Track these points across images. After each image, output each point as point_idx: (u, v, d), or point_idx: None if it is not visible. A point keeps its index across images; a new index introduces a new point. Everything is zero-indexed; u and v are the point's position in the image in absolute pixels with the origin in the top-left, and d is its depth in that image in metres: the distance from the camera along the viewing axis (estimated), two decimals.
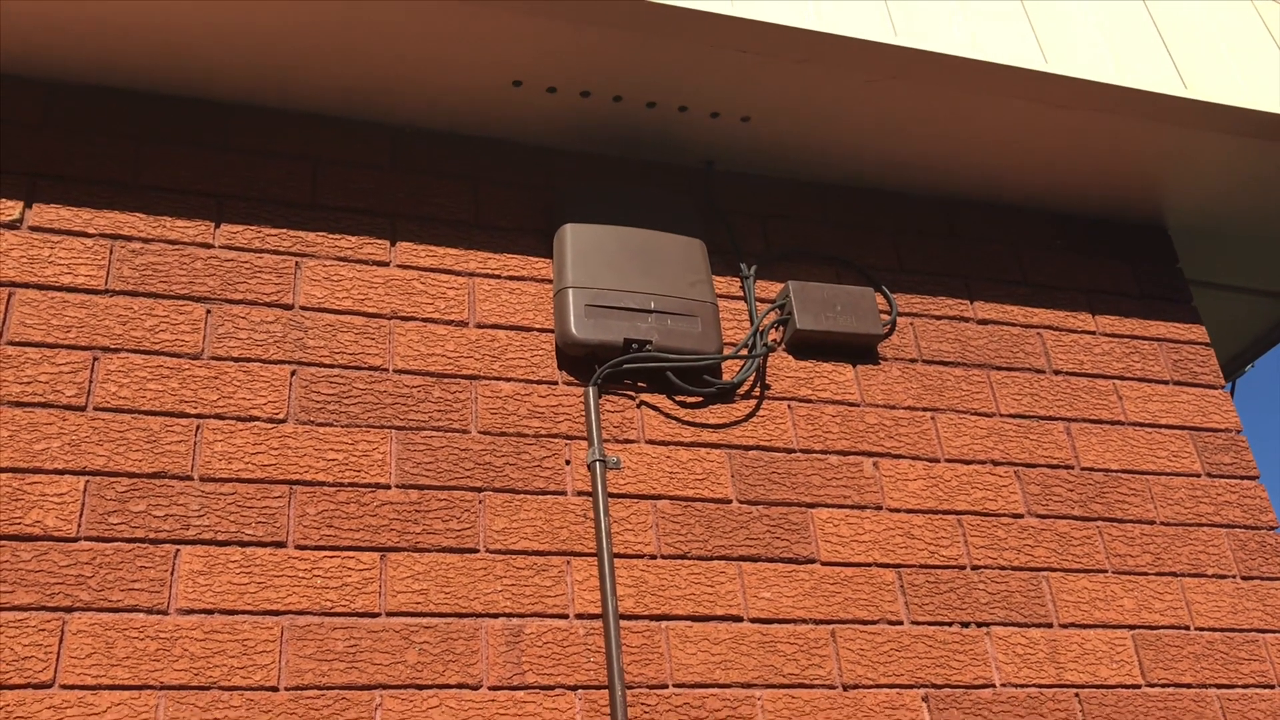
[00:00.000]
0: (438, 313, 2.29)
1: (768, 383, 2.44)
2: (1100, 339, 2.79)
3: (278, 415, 2.08)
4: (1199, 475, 2.65)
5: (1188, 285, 2.99)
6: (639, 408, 2.31)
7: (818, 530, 2.28)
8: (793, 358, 2.49)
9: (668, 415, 2.32)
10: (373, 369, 2.19)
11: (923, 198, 2.87)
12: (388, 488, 2.08)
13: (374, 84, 2.38)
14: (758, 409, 2.39)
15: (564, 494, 2.17)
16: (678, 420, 2.32)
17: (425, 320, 2.28)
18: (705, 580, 2.15)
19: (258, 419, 2.07)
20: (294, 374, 2.14)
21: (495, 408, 2.22)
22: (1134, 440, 2.65)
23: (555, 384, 2.29)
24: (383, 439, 2.12)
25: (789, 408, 2.42)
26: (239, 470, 2.01)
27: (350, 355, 2.19)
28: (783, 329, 2.51)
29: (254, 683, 1.84)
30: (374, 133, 2.47)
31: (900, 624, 2.23)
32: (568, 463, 2.20)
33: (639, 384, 2.33)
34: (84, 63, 2.27)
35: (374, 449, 2.10)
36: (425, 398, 2.19)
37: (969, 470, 2.47)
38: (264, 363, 2.13)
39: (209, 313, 2.15)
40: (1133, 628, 2.38)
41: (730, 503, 2.26)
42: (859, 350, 2.55)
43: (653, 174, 2.65)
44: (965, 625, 2.27)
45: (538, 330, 2.34)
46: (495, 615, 2.01)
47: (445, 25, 2.23)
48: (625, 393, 2.32)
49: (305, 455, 2.06)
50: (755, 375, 2.43)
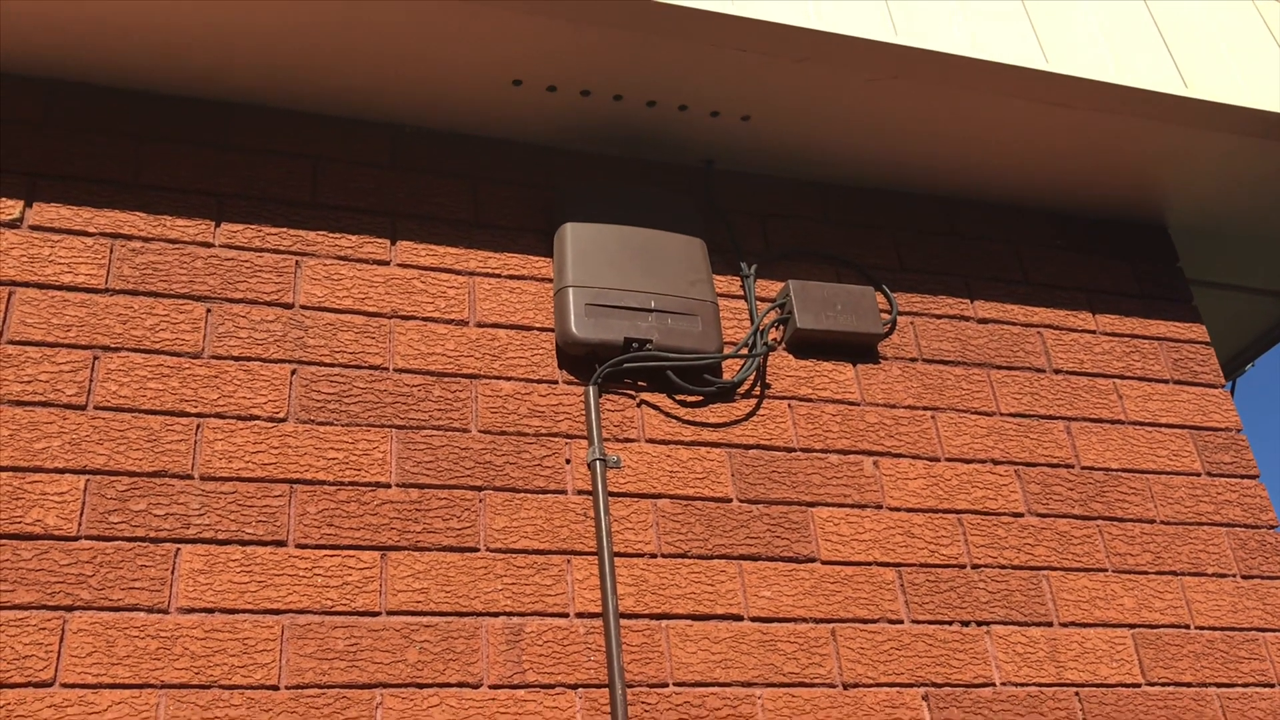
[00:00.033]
0: (438, 312, 2.29)
1: (768, 382, 2.44)
2: (1100, 338, 2.80)
3: (278, 414, 2.08)
4: (1199, 474, 2.65)
5: (1188, 284, 2.99)
6: (639, 407, 2.31)
7: (818, 529, 2.28)
8: (793, 357, 2.49)
9: (668, 414, 2.32)
10: (373, 368, 2.19)
11: (923, 197, 2.87)
12: (388, 486, 2.08)
13: (374, 83, 2.38)
14: (758, 408, 2.39)
15: (564, 493, 2.17)
16: (678, 419, 2.32)
17: (425, 319, 2.28)
18: (705, 579, 2.15)
19: (258, 418, 2.07)
20: (294, 373, 2.14)
21: (495, 407, 2.22)
22: (1134, 439, 2.65)
23: (555, 383, 2.29)
24: (383, 438, 2.12)
25: (789, 407, 2.42)
26: (239, 469, 2.01)
27: (350, 354, 2.19)
28: (783, 328, 2.51)
29: (254, 682, 1.84)
30: (374, 132, 2.47)
31: (900, 623, 2.23)
32: (568, 462, 2.20)
33: (639, 383, 2.33)
34: (84, 62, 2.27)
35: (374, 448, 2.10)
36: (425, 397, 2.19)
37: (969, 469, 2.47)
38: (264, 362, 2.13)
39: (209, 312, 2.15)
40: (1133, 626, 2.38)
41: (730, 502, 2.26)
42: (859, 349, 2.55)
43: (653, 173, 2.65)
44: (965, 624, 2.27)
45: (538, 329, 2.34)
46: (496, 614, 2.01)
47: (445, 24, 2.23)
48: (625, 392, 2.32)
49: (306, 454, 2.06)
50: (755, 374, 2.44)
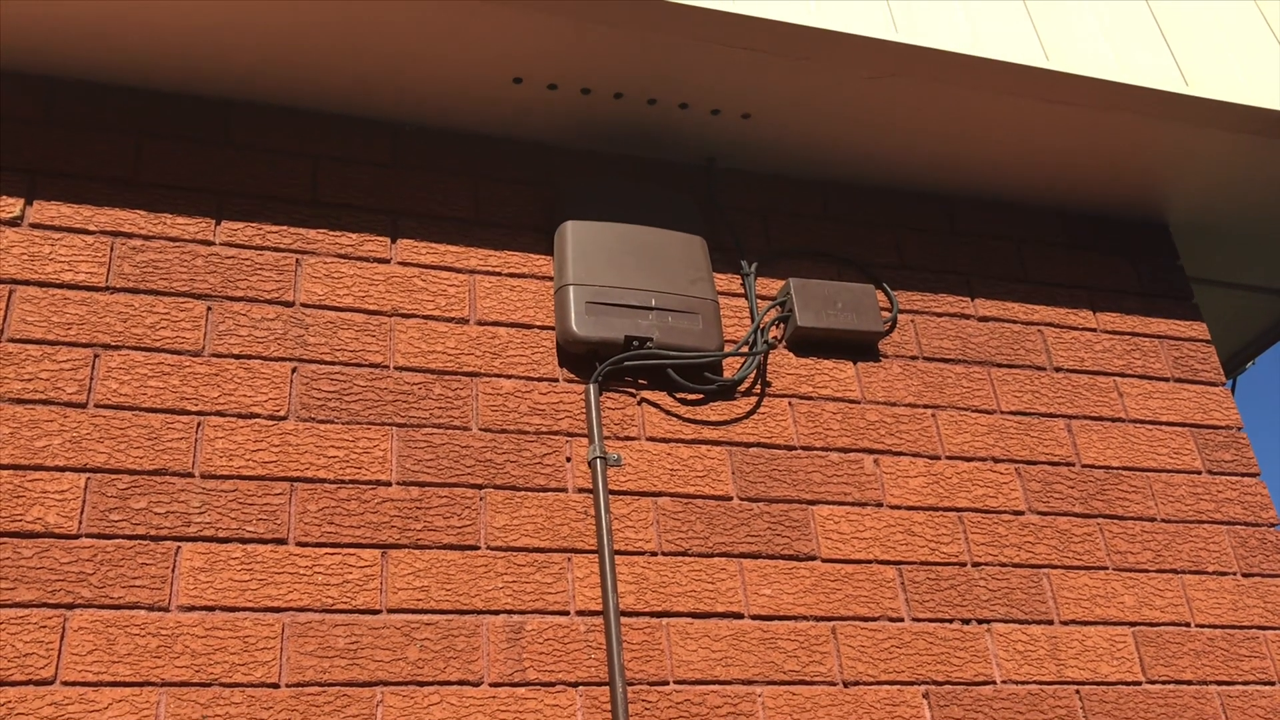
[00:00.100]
0: (439, 310, 2.29)
1: (768, 380, 2.44)
2: (1101, 336, 2.79)
3: (279, 412, 2.08)
4: (1200, 472, 2.65)
5: (1189, 282, 2.99)
6: (640, 405, 2.31)
7: (818, 527, 2.28)
8: (793, 355, 2.49)
9: (668, 412, 2.32)
10: (373, 366, 2.19)
11: (923, 195, 2.87)
12: (389, 485, 2.08)
13: (374, 81, 2.38)
14: (758, 406, 2.39)
15: (565, 491, 2.17)
16: (678, 417, 2.32)
17: (426, 317, 2.28)
18: (706, 577, 2.15)
19: (259, 416, 2.07)
20: (295, 371, 2.14)
21: (496, 405, 2.22)
22: (1135, 437, 2.65)
23: (556, 381, 2.29)
24: (384, 436, 2.12)
25: (790, 405, 2.42)
26: (240, 467, 2.01)
27: (351, 352, 2.19)
28: (783, 326, 2.51)
29: (255, 680, 1.84)
30: (374, 130, 2.47)
31: (901, 621, 2.23)
32: (568, 460, 2.20)
33: (640, 381, 2.33)
34: (85, 60, 2.27)
35: (375, 446, 2.10)
36: (426, 395, 2.19)
37: (970, 467, 2.47)
38: (265, 360, 2.13)
39: (210, 310, 2.15)
40: (1133, 624, 2.38)
41: (731, 500, 2.26)
42: (860, 347, 2.55)
43: (653, 171, 2.65)
44: (966, 622, 2.27)
45: (538, 327, 2.34)
46: (496, 612, 2.01)
47: (446, 23, 2.23)
48: (626, 390, 2.32)
49: (306, 452, 2.06)
50: (756, 372, 2.43)
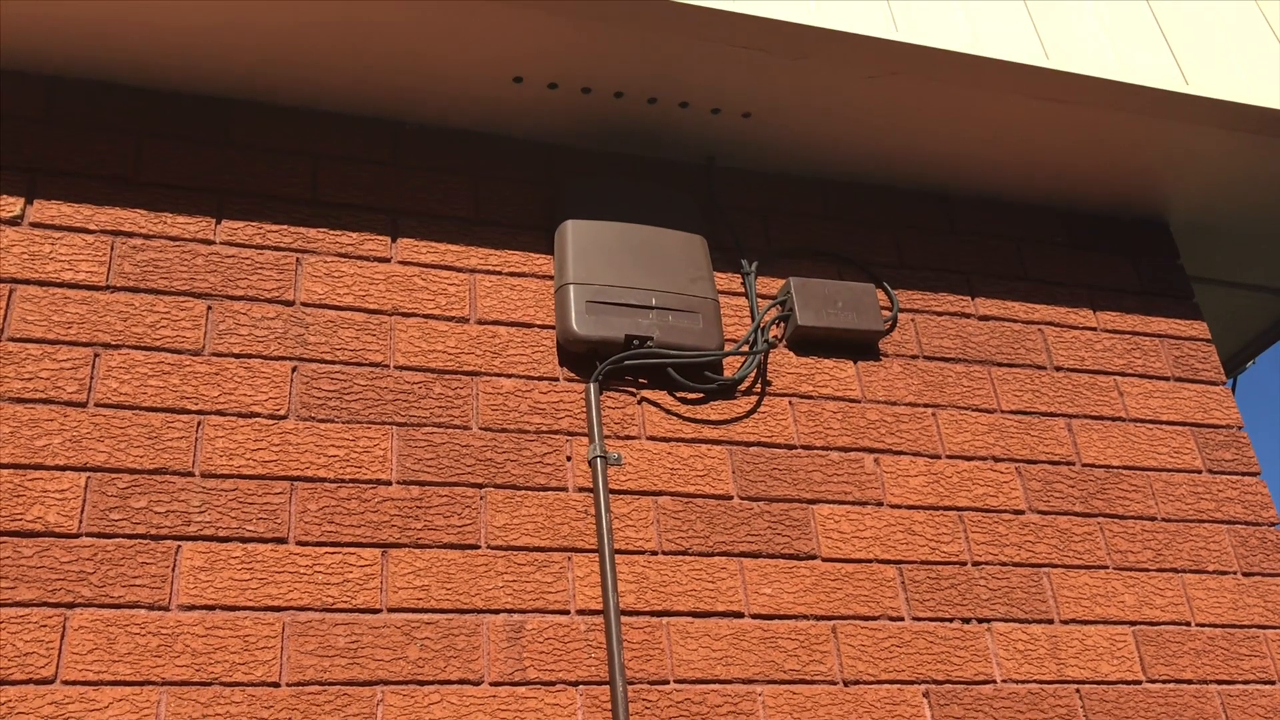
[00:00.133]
0: (439, 309, 2.29)
1: (769, 379, 2.44)
2: (1101, 335, 2.79)
3: (279, 411, 2.08)
4: (1200, 471, 2.65)
5: (1189, 281, 2.99)
6: (640, 404, 2.31)
7: (819, 526, 2.28)
8: (794, 354, 2.49)
9: (669, 411, 2.32)
10: (374, 365, 2.19)
11: (924, 194, 2.87)
12: (389, 484, 2.08)
13: (375, 80, 2.38)
14: (759, 405, 2.39)
15: (565, 490, 2.17)
16: (679, 416, 2.32)
17: (426, 316, 2.28)
18: (706, 576, 2.15)
19: (259, 415, 2.07)
20: (295, 370, 2.14)
21: (496, 404, 2.22)
22: (1135, 436, 2.65)
23: (556, 380, 2.29)
24: (384, 435, 2.12)
25: (790, 404, 2.42)
26: (240, 466, 2.01)
27: (351, 351, 2.19)
28: (784, 325, 2.51)
29: (255, 679, 1.84)
30: (375, 128, 2.47)
31: (901, 620, 2.23)
32: (569, 459, 2.20)
33: (640, 380, 2.33)
34: (85, 58, 2.27)
35: (375, 445, 2.10)
36: (426, 394, 2.19)
37: (970, 466, 2.47)
38: (265, 359, 2.13)
39: (210, 309, 2.15)
40: (1134, 624, 2.38)
41: (731, 499, 2.26)
42: (860, 346, 2.55)
43: (654, 170, 2.65)
44: (966, 621, 2.27)
45: (539, 326, 2.34)
46: (496, 611, 2.01)
47: (446, 21, 2.23)
48: (626, 389, 2.31)
49: (306, 451, 2.06)
50: (756, 371, 2.43)
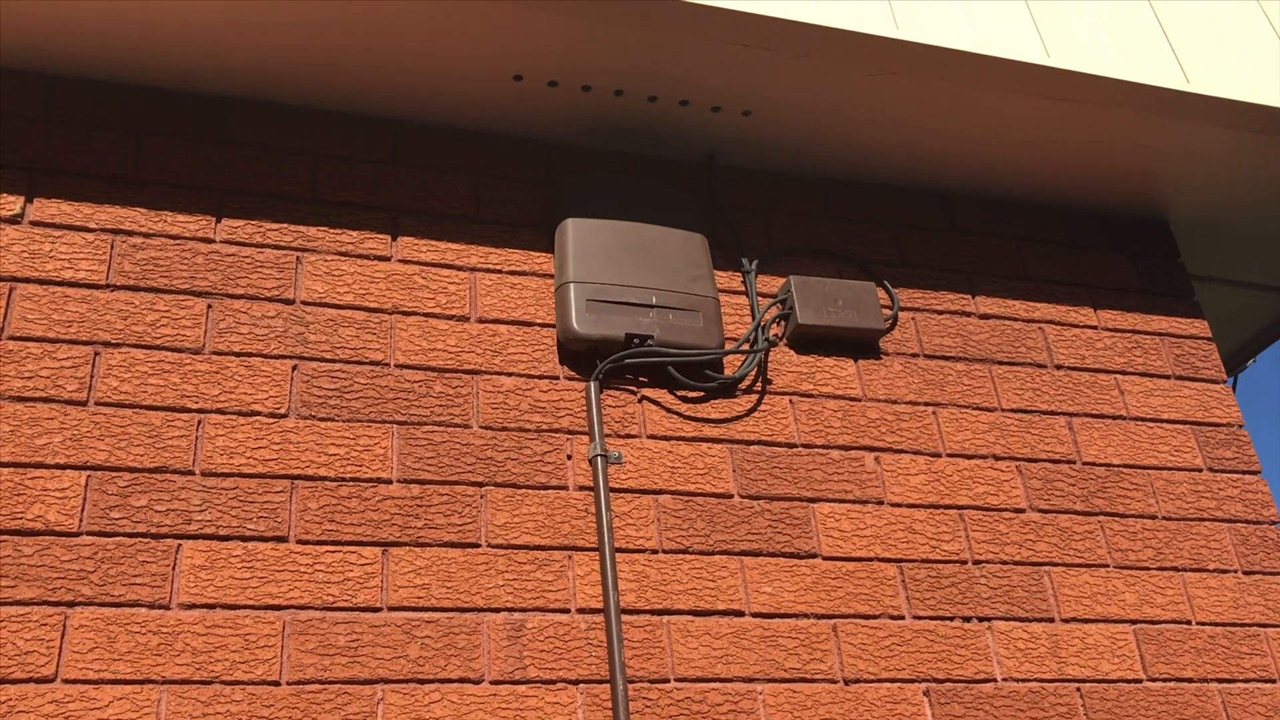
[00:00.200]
0: (439, 307, 2.29)
1: (769, 377, 2.44)
2: (1102, 334, 2.79)
3: (279, 410, 2.08)
4: (1201, 470, 2.65)
5: (1190, 280, 2.98)
6: (640, 403, 2.31)
7: (819, 525, 2.28)
8: (794, 352, 2.49)
9: (669, 410, 2.32)
10: (374, 364, 2.19)
11: (924, 192, 2.87)
12: (389, 482, 2.08)
13: (375, 79, 2.37)
14: (759, 404, 2.39)
15: (565, 489, 2.17)
16: (679, 415, 2.32)
17: (427, 315, 2.27)
18: (707, 575, 2.15)
19: (259, 414, 2.07)
20: (295, 369, 2.14)
21: (497, 402, 2.22)
22: (1136, 435, 2.65)
23: (557, 379, 2.28)
24: (384, 434, 2.12)
25: (790, 402, 2.42)
26: (240, 465, 2.01)
27: (352, 350, 2.19)
28: (784, 324, 2.51)
29: (256, 677, 1.84)
30: (375, 127, 2.47)
31: (902, 619, 2.23)
32: (569, 457, 2.20)
33: (640, 379, 2.33)
34: (85, 57, 2.26)
35: (375, 444, 2.10)
36: (427, 392, 2.19)
37: (970, 465, 2.47)
38: (265, 358, 2.13)
39: (210, 308, 2.15)
40: (1134, 622, 2.38)
41: (732, 497, 2.26)
42: (860, 345, 2.55)
43: (654, 168, 2.65)
44: (967, 620, 2.27)
45: (539, 325, 2.34)
46: (497, 610, 2.01)
47: (446, 20, 2.23)
48: (627, 388, 2.31)
49: (307, 450, 2.06)
50: (757, 370, 2.43)
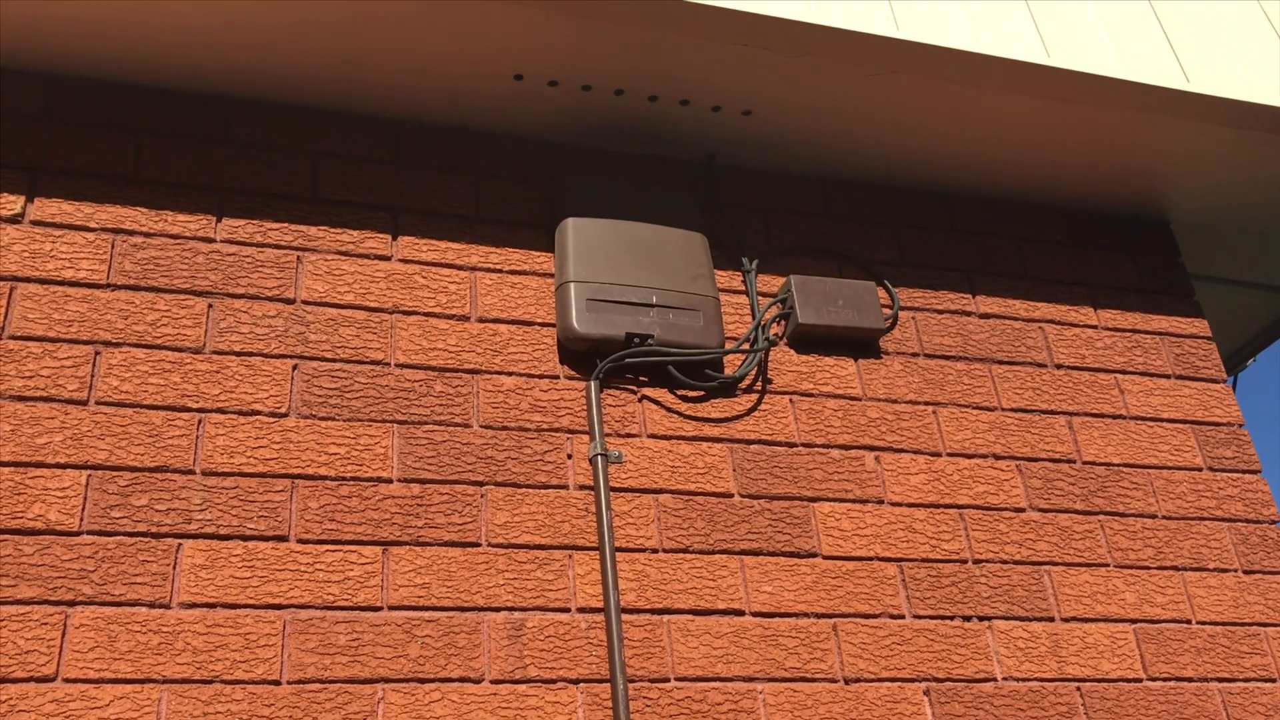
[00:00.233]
0: (439, 307, 2.29)
1: (769, 377, 2.44)
2: (1102, 333, 2.79)
3: (280, 409, 2.08)
4: (1201, 469, 2.65)
5: (1190, 279, 2.98)
6: (641, 402, 2.31)
7: (819, 524, 2.28)
8: (794, 352, 2.49)
9: (669, 409, 2.32)
10: (374, 363, 2.19)
11: (925, 192, 2.87)
12: (390, 482, 2.08)
13: (375, 78, 2.38)
14: (759, 403, 2.39)
15: (566, 488, 2.17)
16: (679, 414, 2.32)
17: (427, 314, 2.28)
18: (707, 574, 2.15)
19: (260, 413, 2.07)
20: (296, 368, 2.14)
21: (497, 402, 2.22)
22: (1136, 434, 2.65)
23: (557, 378, 2.29)
24: (384, 433, 2.12)
25: (791, 402, 2.42)
26: (241, 464, 2.01)
27: (352, 349, 2.19)
28: (784, 323, 2.51)
29: (256, 676, 1.84)
30: (375, 127, 2.47)
31: (902, 618, 2.23)
32: (569, 457, 2.20)
33: (641, 378, 2.33)
34: (85, 57, 2.27)
35: (376, 443, 2.10)
36: (427, 392, 2.19)
37: (971, 464, 2.47)
38: (266, 357, 2.13)
39: (211, 307, 2.15)
40: (1134, 621, 2.38)
41: (732, 497, 2.26)
42: (861, 344, 2.55)
43: (654, 168, 2.65)
44: (967, 619, 2.27)
45: (539, 324, 2.34)
46: (497, 609, 2.01)
47: (447, 19, 2.23)
48: (627, 387, 2.32)
49: (307, 449, 2.06)
50: (757, 369, 2.43)
